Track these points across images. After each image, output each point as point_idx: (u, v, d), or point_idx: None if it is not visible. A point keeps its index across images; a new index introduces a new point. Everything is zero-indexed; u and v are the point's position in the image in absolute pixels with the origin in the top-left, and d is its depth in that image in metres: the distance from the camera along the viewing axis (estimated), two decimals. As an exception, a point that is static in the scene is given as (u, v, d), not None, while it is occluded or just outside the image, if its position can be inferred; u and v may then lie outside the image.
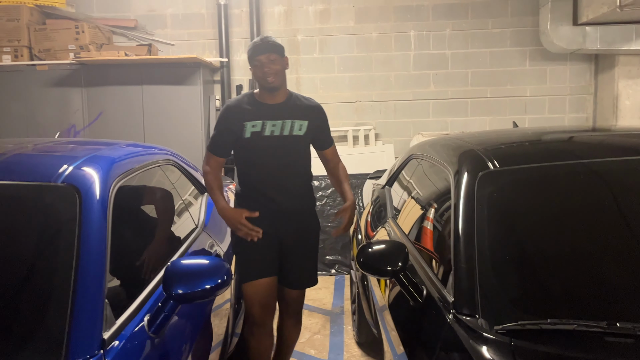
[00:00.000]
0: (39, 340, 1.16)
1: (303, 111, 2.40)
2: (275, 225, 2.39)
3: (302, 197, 2.48)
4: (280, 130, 2.34)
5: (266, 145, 2.34)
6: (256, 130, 2.33)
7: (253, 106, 2.36)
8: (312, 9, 5.76)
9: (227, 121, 2.38)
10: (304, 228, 2.49)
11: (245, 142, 2.35)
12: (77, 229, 1.43)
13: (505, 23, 5.58)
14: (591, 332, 1.26)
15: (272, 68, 2.28)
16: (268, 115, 2.34)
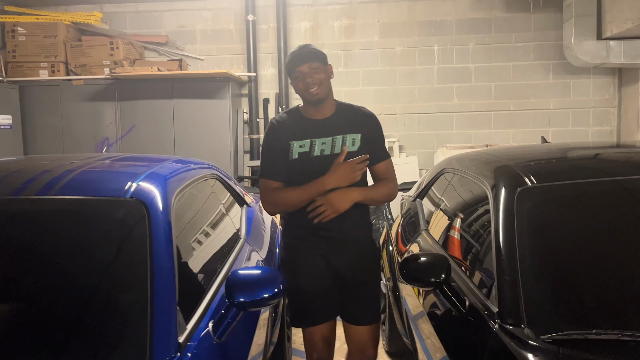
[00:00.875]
0: (127, 345, 1.28)
1: (355, 123, 2.14)
2: (328, 258, 2.15)
3: (359, 223, 2.20)
4: (330, 148, 2.09)
5: (317, 167, 2.08)
6: (304, 151, 2.09)
7: (299, 123, 2.13)
8: (338, 24, 5.90)
9: (273, 141, 2.14)
10: (361, 258, 2.20)
11: (292, 164, 2.10)
12: (148, 241, 1.55)
13: (529, 37, 5.66)
14: (634, 342, 1.34)
15: (315, 78, 2.04)
16: (316, 132, 2.10)
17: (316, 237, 2.14)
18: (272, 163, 2.12)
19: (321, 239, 2.14)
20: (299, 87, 2.08)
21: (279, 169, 2.11)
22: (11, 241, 1.50)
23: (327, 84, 2.10)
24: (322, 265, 2.15)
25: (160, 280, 1.46)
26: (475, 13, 5.70)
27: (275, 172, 2.11)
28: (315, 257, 2.15)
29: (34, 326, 1.30)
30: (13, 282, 1.41)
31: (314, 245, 2.15)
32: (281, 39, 5.80)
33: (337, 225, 2.12)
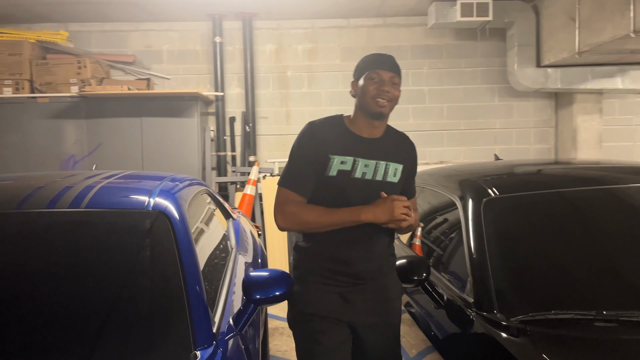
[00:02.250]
0: (174, 338, 1.48)
1: (401, 152, 1.92)
2: (347, 297, 1.83)
3: (386, 253, 1.93)
4: (372, 173, 1.82)
5: (354, 191, 1.80)
6: (345, 169, 1.79)
7: (343, 136, 1.83)
8: (301, 47, 6.22)
9: (308, 148, 1.81)
10: (386, 297, 1.91)
11: (327, 181, 1.79)
12: (175, 247, 1.76)
13: (476, 63, 6.19)
14: (584, 319, 1.68)
15: (392, 91, 1.80)
16: (361, 151, 1.82)
17: (333, 271, 1.82)
18: (300, 173, 1.81)
19: (339, 274, 1.82)
20: (368, 90, 1.80)
21: (307, 181, 1.81)
22: (58, 251, 1.67)
23: (395, 104, 1.85)
24: (338, 305, 1.82)
25: (191, 281, 1.67)
26: (428, 40, 6.18)
27: (301, 184, 1.81)
28: (330, 296, 1.82)
29: (94, 322, 1.48)
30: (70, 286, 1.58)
31: (329, 282, 1.83)
32: (247, 61, 6.05)
33: (362, 256, 1.83)
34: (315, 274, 1.86)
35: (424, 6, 5.69)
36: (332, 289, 1.84)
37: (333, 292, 1.84)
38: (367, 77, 1.83)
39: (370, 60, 1.86)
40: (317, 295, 1.84)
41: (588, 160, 4.06)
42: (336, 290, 1.84)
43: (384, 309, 1.90)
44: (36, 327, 1.44)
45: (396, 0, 5.55)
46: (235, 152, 6.22)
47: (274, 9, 5.77)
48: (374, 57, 1.88)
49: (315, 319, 1.82)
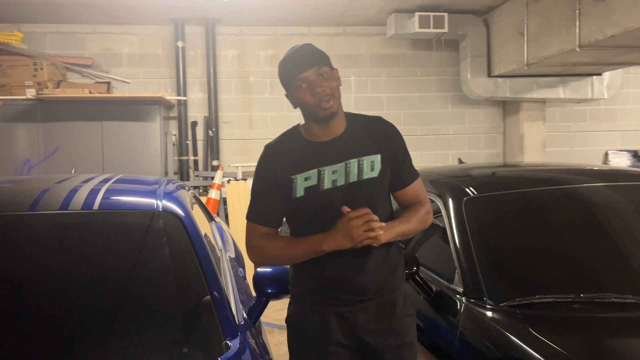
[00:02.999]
0: (204, 329, 1.56)
1: (372, 140, 1.69)
2: (347, 318, 1.67)
3: (388, 270, 1.72)
4: (344, 177, 1.63)
5: (328, 204, 1.62)
6: (311, 185, 1.62)
7: (301, 150, 1.66)
8: (263, 53, 6.32)
9: (266, 176, 1.68)
10: (392, 314, 1.71)
11: (297, 203, 1.64)
12: (191, 244, 1.83)
13: (431, 72, 6.51)
14: (564, 301, 1.90)
15: (326, 86, 1.58)
16: (324, 158, 1.64)
17: (329, 289, 1.66)
18: (263, 204, 1.69)
19: (336, 291, 1.66)
20: (305, 101, 1.61)
21: (271, 212, 1.68)
22: (80, 251, 1.70)
23: (339, 94, 1.63)
24: (338, 327, 1.66)
25: (210, 277, 1.75)
26: (386, 49, 6.44)
27: (266, 215, 1.68)
28: (328, 317, 1.67)
29: (128, 319, 1.53)
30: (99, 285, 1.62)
31: (326, 301, 1.67)
32: (210, 66, 6.08)
33: (359, 270, 1.65)
34: (312, 293, 1.70)
35: (383, 17, 5.94)
36: (331, 309, 1.67)
37: (332, 313, 1.67)
38: (294, 88, 1.63)
39: (286, 68, 1.64)
40: (317, 318, 1.68)
41: (548, 163, 4.42)
42: (335, 311, 1.66)
43: (391, 327, 1.68)
44: (73, 322, 1.47)
45: (357, 11, 5.76)
46: (197, 156, 6.21)
47: (237, 15, 5.84)
48: (286, 62, 1.65)
49: (316, 345, 1.67)
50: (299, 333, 1.74)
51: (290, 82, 1.65)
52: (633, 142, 6.93)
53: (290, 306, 1.79)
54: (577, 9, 4.19)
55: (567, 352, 1.61)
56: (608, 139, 6.89)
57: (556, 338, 1.69)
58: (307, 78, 1.61)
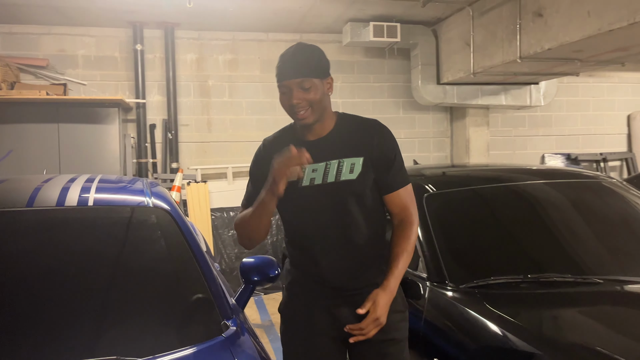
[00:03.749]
0: (205, 312, 1.71)
1: (357, 143, 1.71)
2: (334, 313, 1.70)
3: (373, 265, 1.74)
4: (322, 176, 1.67)
5: (305, 201, 1.67)
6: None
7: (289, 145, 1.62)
8: (222, 58, 6.43)
9: (256, 167, 1.78)
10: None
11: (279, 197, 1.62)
12: (183, 237, 1.98)
13: (384, 79, 6.84)
14: (514, 281, 2.18)
15: (303, 100, 1.62)
16: None
17: (315, 283, 1.71)
18: (250, 192, 1.77)
19: (322, 286, 1.70)
20: (283, 106, 1.70)
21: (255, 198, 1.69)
22: (80, 243, 1.81)
23: (320, 105, 1.67)
24: (326, 322, 1.70)
25: (203, 266, 1.91)
26: (341, 56, 6.71)
27: (251, 202, 1.70)
28: (316, 311, 1.71)
29: (135, 304, 1.66)
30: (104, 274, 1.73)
31: (313, 294, 1.72)
32: (170, 69, 6.13)
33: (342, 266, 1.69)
34: (298, 284, 1.77)
35: (339, 25, 6.20)
36: (317, 302, 1.72)
37: (318, 307, 1.72)
38: (279, 90, 1.70)
39: (277, 69, 1.70)
40: (304, 310, 1.74)
41: (492, 164, 4.79)
42: (320, 304, 1.71)
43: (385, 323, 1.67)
44: (90, 310, 1.59)
45: (314, 19, 5.99)
46: (156, 159, 6.24)
47: (196, 20, 5.93)
48: (280, 62, 1.70)
49: (303, 336, 1.72)
50: (289, 323, 1.82)
51: (277, 82, 1.72)
52: (566, 146, 7.53)
53: (283, 297, 1.86)
54: (518, 24, 4.59)
55: (517, 321, 1.89)
56: (544, 143, 7.45)
57: (508, 311, 1.96)
58: (288, 85, 1.66)
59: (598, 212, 2.79)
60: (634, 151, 7.75)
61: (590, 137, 7.66)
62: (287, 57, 1.69)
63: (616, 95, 7.76)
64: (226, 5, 5.36)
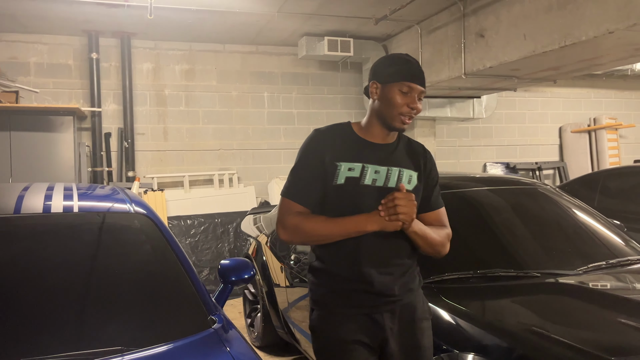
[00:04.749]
0: (193, 308, 1.85)
1: (414, 159, 1.78)
2: (375, 318, 1.70)
3: (410, 275, 1.79)
4: (384, 180, 1.69)
5: (364, 198, 1.66)
6: (353, 176, 1.66)
7: (351, 142, 1.72)
8: (179, 67, 6.51)
9: (313, 157, 1.70)
10: (415, 318, 1.76)
11: (335, 190, 1.67)
12: (166, 240, 2.12)
13: (337, 91, 7.12)
14: (465, 277, 2.45)
15: (418, 108, 1.69)
16: (371, 157, 1.70)
17: (355, 292, 1.69)
18: (304, 183, 1.70)
19: (364, 293, 1.69)
20: (396, 103, 1.67)
21: (311, 191, 1.69)
22: (69, 247, 1.91)
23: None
24: (367, 328, 1.70)
25: (187, 267, 2.06)
26: (296, 68, 6.93)
27: (305, 194, 1.69)
28: (356, 318, 1.70)
29: (129, 304, 1.78)
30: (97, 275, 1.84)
31: (354, 303, 1.70)
32: (126, 78, 6.14)
33: (383, 273, 1.69)
34: (336, 296, 1.71)
35: (294, 39, 6.43)
36: (357, 311, 1.70)
37: (359, 315, 1.70)
38: (397, 87, 1.66)
39: (406, 69, 1.67)
40: (343, 320, 1.69)
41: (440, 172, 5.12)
42: (363, 312, 1.70)
43: (412, 330, 1.75)
44: (84, 309, 1.70)
45: (271, 32, 6.19)
46: (111, 167, 6.21)
47: (153, 30, 5.99)
48: (409, 65, 1.69)
49: (345, 345, 1.68)
50: (325, 337, 1.73)
51: (399, 79, 1.66)
52: (505, 156, 8.07)
53: (313, 312, 1.77)
54: (463, 43, 4.97)
55: (468, 309, 2.15)
56: (486, 153, 7.96)
57: (461, 301, 2.22)
58: (414, 90, 1.66)
59: (535, 215, 3.13)
60: (565, 160, 8.41)
61: (526, 147, 8.25)
62: (415, 64, 1.71)
63: (549, 108, 8.41)
64: (185, 17, 5.47)
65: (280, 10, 5.31)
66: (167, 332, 1.67)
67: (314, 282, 1.77)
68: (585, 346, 1.71)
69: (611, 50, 4.11)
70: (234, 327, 1.90)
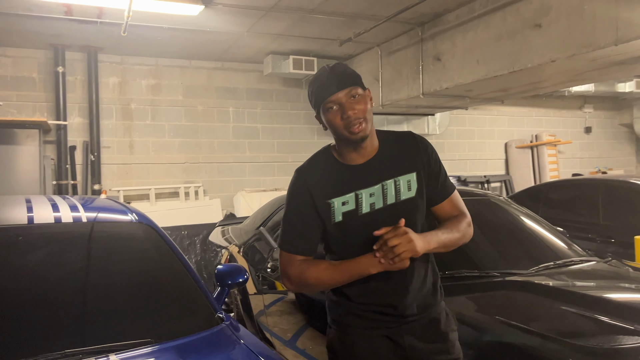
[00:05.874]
0: (202, 307, 2.04)
1: (405, 158, 1.66)
2: (395, 340, 1.63)
3: (428, 286, 1.69)
4: (382, 198, 1.60)
5: (368, 228, 1.54)
6: (349, 209, 1.58)
7: (336, 172, 1.63)
8: (145, 82, 6.60)
9: (301, 202, 1.62)
10: (439, 333, 1.67)
11: (335, 229, 1.60)
12: (169, 247, 2.31)
13: (300, 107, 7.40)
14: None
15: (358, 110, 1.54)
16: (360, 181, 1.61)
17: (375, 313, 1.62)
18: (298, 231, 1.63)
19: (382, 315, 1.62)
20: (334, 124, 1.58)
21: (307, 239, 1.62)
22: (83, 253, 2.06)
23: (370, 116, 1.58)
24: (390, 349, 1.62)
25: (190, 270, 2.25)
26: (260, 85, 7.17)
27: (301, 242, 1.62)
28: (376, 340, 1.63)
29: (146, 305, 1.96)
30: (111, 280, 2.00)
31: (373, 324, 1.63)
32: (93, 92, 6.19)
33: (401, 296, 1.61)
34: (353, 315, 1.64)
35: (260, 56, 6.67)
36: (378, 332, 1.63)
37: (380, 336, 1.63)
38: (324, 110, 1.60)
39: (317, 89, 1.60)
40: (364, 343, 1.63)
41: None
42: (383, 333, 1.63)
43: (438, 345, 1.65)
44: (108, 305, 1.87)
45: (238, 50, 6.41)
46: (76, 180, 6.21)
47: (120, 45, 6.07)
48: (317, 82, 1.61)
49: None
50: (341, 354, 1.67)
51: (320, 103, 1.60)
52: (457, 169, 8.58)
53: (331, 331, 1.71)
54: (421, 65, 5.38)
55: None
56: (439, 167, 8.42)
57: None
58: (338, 100, 1.56)
59: (491, 222, 3.49)
60: (510, 174, 9.03)
61: (475, 161, 8.81)
62: (324, 75, 1.60)
63: (496, 125, 9.02)
64: (155, 34, 5.61)
65: (249, 30, 5.55)
66: (184, 327, 1.86)
67: (332, 299, 1.70)
68: (542, 331, 2.03)
69: (553, 75, 4.60)
70: (239, 324, 2.11)
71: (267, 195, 6.26)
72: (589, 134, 10.05)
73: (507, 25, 4.38)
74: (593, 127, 10.05)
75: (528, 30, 4.20)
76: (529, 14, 4.19)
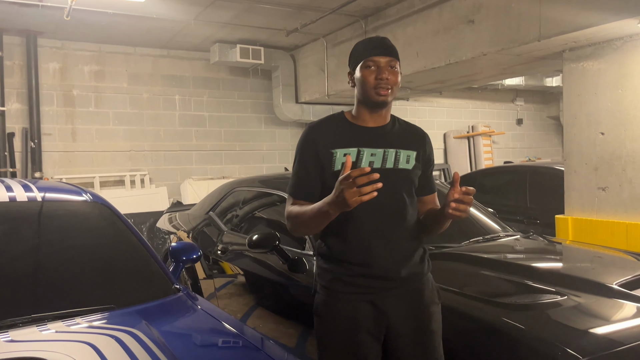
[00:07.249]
0: (159, 278, 2.16)
1: (411, 139, 1.80)
2: (378, 305, 1.70)
3: (416, 256, 1.77)
4: (381, 161, 1.71)
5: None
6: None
7: (344, 130, 1.73)
8: (88, 68, 6.48)
9: (306, 151, 1.73)
10: (422, 301, 1.75)
11: (332, 178, 1.61)
12: (124, 224, 2.40)
13: (247, 96, 7.48)
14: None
15: (391, 78, 1.67)
16: (365, 141, 1.71)
17: (362, 276, 1.69)
18: (300, 178, 1.73)
19: (368, 278, 1.69)
20: (367, 81, 1.68)
21: (308, 185, 1.71)
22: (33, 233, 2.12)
23: (397, 90, 1.72)
24: (370, 315, 1.70)
25: (146, 246, 2.35)
26: (207, 73, 7.19)
27: (302, 189, 1.72)
28: (360, 305, 1.70)
29: (104, 276, 2.04)
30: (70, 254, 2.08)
31: (358, 289, 1.70)
32: (32, 77, 6.02)
33: (385, 255, 1.69)
34: (340, 281, 1.71)
35: (206, 45, 6.70)
36: (362, 297, 1.70)
37: (363, 301, 1.70)
38: (363, 66, 1.69)
39: (364, 47, 1.72)
40: (347, 307, 1.70)
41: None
42: (367, 299, 1.70)
43: (419, 316, 1.74)
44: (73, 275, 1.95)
45: (184, 38, 6.41)
46: (15, 168, 6.03)
47: (61, 29, 5.94)
48: (367, 42, 1.74)
49: (345, 334, 1.70)
50: (327, 322, 1.74)
51: (361, 58, 1.70)
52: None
53: (318, 296, 1.78)
54: (364, 57, 5.60)
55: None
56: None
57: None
58: (379, 62, 1.67)
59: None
60: (449, 162, 9.49)
61: (417, 151, 9.18)
62: (375, 39, 1.74)
63: (435, 117, 9.45)
64: (99, 19, 5.53)
65: (196, 19, 5.58)
66: (144, 295, 1.98)
67: (323, 267, 1.78)
68: (473, 293, 2.29)
69: (485, 68, 4.95)
70: (197, 294, 2.24)
71: (214, 183, 6.32)
72: (520, 125, 10.71)
73: (444, 20, 4.67)
74: (524, 119, 10.71)
75: (462, 25, 4.50)
76: (463, 11, 4.50)
